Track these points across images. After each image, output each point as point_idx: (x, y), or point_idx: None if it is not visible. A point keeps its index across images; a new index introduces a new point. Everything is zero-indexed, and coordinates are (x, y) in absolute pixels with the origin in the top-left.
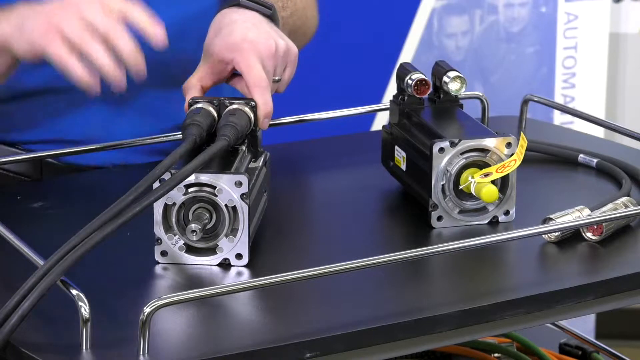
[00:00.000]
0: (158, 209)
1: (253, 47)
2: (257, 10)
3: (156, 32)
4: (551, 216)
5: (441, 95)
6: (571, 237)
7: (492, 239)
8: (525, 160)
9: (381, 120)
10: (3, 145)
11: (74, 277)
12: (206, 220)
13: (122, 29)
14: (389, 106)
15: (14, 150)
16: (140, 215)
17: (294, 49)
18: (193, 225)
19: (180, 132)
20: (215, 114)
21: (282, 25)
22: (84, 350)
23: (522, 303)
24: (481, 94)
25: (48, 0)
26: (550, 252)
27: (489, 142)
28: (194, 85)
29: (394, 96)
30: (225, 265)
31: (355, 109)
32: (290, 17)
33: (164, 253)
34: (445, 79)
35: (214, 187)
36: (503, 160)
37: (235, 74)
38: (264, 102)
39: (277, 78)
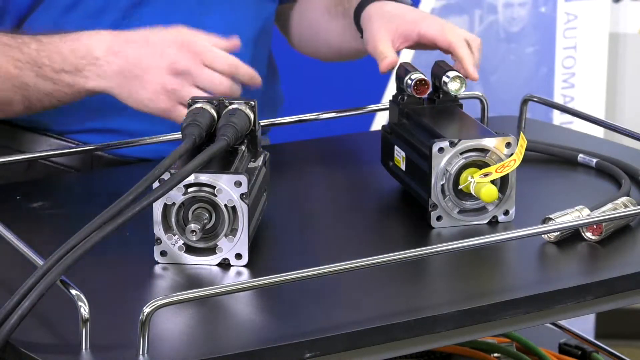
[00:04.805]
0: (158, 209)
1: (435, 19)
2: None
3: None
4: (551, 216)
5: (441, 95)
6: (571, 237)
7: (491, 239)
8: (525, 160)
9: (381, 120)
10: (50, 136)
11: (74, 277)
12: (206, 220)
13: (235, 65)
14: (388, 106)
15: (65, 143)
16: (140, 215)
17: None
18: (192, 225)
19: (180, 132)
20: (215, 114)
21: None
22: (83, 350)
23: (521, 303)
24: (481, 94)
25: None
26: (550, 252)
27: (489, 142)
28: (394, 55)
29: (393, 96)
30: (224, 265)
31: (355, 109)
32: None
33: (163, 253)
34: (444, 79)
35: (214, 187)
36: (503, 160)
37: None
38: (467, 55)
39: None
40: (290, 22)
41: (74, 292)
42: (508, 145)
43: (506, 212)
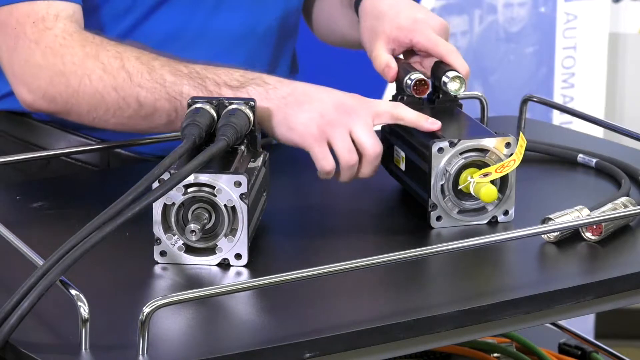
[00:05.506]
0: (157, 209)
1: (427, 26)
2: None
3: (428, 125)
4: (550, 216)
5: (440, 95)
6: (570, 237)
7: (491, 239)
8: (525, 160)
9: None
10: (68, 132)
11: (74, 277)
12: (205, 220)
13: (377, 156)
14: None
15: (81, 139)
16: (140, 215)
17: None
18: (192, 225)
19: (180, 132)
20: (215, 114)
21: None
22: (83, 350)
23: (521, 303)
24: (480, 94)
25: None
26: (550, 252)
27: (488, 142)
28: (390, 57)
29: (393, 96)
30: (224, 265)
31: None
32: None
33: (163, 253)
34: (444, 79)
35: (213, 187)
36: (502, 160)
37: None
38: (462, 65)
39: None
40: (313, 10)
41: (73, 292)
42: (508, 145)
43: (506, 212)
